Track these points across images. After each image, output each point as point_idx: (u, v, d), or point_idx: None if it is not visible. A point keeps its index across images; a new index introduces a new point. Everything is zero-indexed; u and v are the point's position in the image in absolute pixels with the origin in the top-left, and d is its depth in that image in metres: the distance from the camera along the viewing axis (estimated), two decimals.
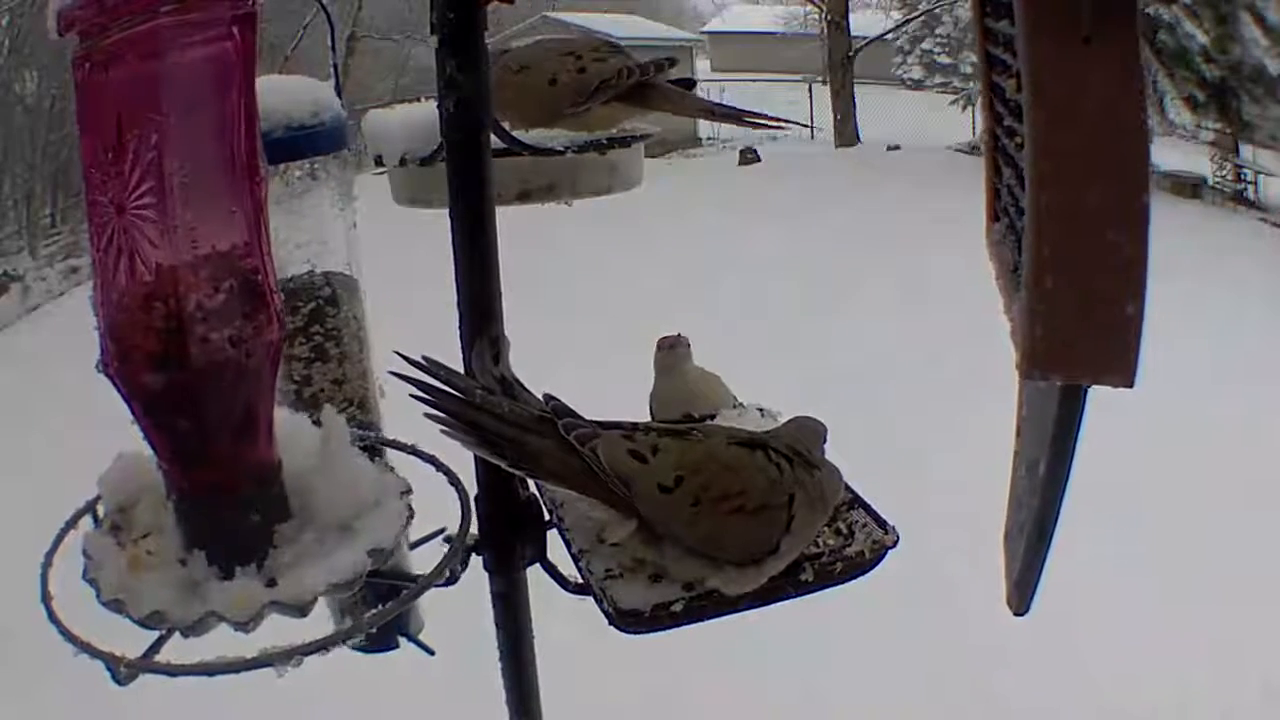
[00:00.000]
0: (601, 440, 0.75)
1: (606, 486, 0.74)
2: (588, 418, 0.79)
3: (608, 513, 0.75)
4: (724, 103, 1.07)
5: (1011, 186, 0.62)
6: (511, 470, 0.76)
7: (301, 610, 0.65)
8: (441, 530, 0.89)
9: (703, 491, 0.75)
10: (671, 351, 1.04)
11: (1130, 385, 0.49)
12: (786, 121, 1.07)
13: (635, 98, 0.99)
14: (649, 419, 1.07)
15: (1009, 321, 0.58)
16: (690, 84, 1.06)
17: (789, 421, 0.87)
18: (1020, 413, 0.69)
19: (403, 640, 1.08)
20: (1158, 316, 0.52)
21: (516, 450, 0.75)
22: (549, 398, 0.80)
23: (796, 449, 0.79)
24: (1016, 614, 0.64)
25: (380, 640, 1.07)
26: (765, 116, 1.03)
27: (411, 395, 0.74)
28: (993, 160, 0.71)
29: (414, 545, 0.98)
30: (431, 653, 1.07)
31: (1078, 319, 0.49)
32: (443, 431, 0.74)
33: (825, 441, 0.83)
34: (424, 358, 0.77)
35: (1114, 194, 0.47)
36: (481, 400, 0.76)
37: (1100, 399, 0.55)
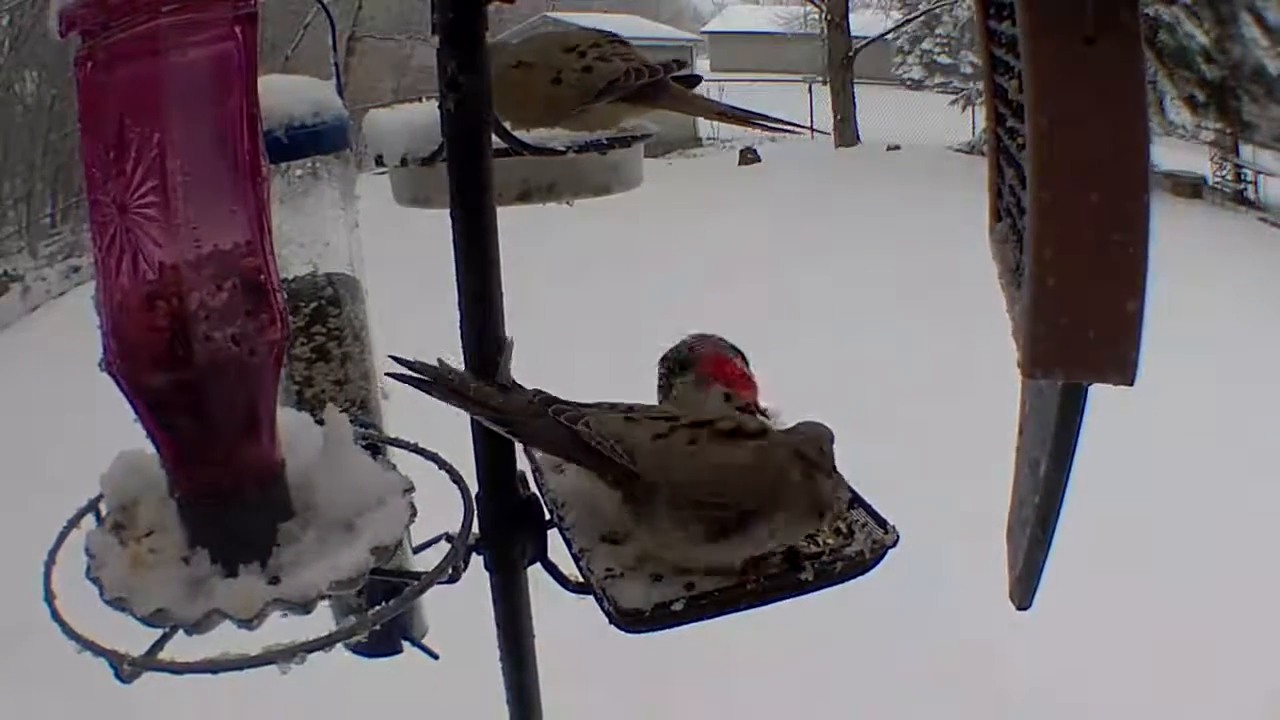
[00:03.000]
0: (592, 414, 0.78)
1: (600, 453, 0.75)
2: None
3: (599, 483, 0.77)
4: (731, 104, 1.06)
5: (1014, 186, 0.62)
6: (510, 436, 0.79)
7: (305, 608, 0.65)
8: (443, 534, 0.90)
9: (697, 429, 0.76)
10: (744, 403, 1.01)
11: (1131, 384, 0.49)
12: (795, 125, 1.07)
13: (641, 97, 0.99)
14: None
15: (1011, 321, 0.58)
16: (695, 80, 1.05)
17: (796, 426, 0.86)
18: (1023, 410, 0.70)
19: (406, 644, 1.08)
20: (1156, 316, 0.53)
21: (514, 429, 0.78)
22: (537, 392, 0.81)
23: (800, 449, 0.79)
24: (1019, 609, 0.64)
25: (383, 644, 1.07)
26: (774, 119, 1.03)
27: (405, 379, 0.77)
28: (995, 160, 0.71)
29: (417, 550, 0.98)
30: (435, 657, 1.07)
31: (1079, 318, 0.49)
32: (438, 397, 0.76)
33: (832, 444, 0.83)
34: (416, 361, 0.78)
35: (1115, 194, 0.48)
36: (475, 393, 0.77)
37: (1100, 398, 0.55)
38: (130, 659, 0.64)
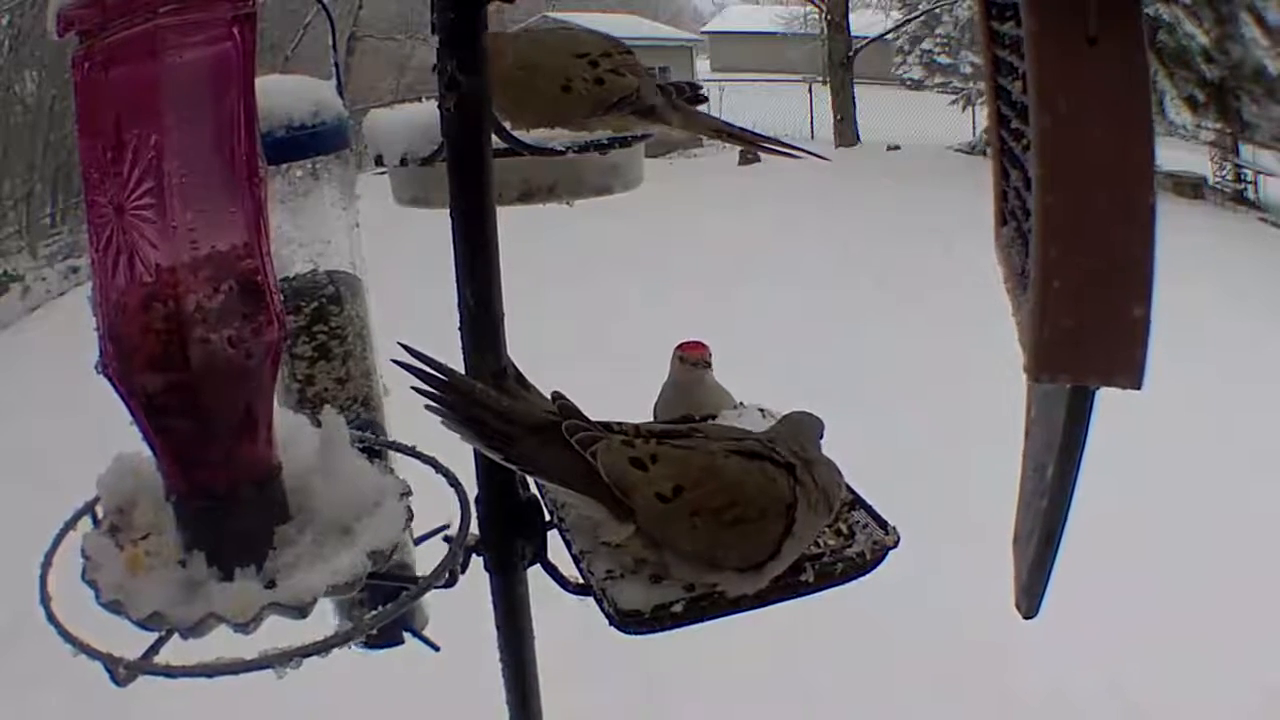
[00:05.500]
0: (602, 445, 0.75)
1: (607, 491, 0.74)
2: (591, 419, 0.79)
3: (604, 514, 0.75)
4: (733, 122, 1.05)
5: (1019, 189, 0.62)
6: (508, 465, 0.76)
7: (301, 611, 0.65)
8: (445, 527, 0.89)
9: (702, 504, 0.74)
10: (695, 369, 1.03)
11: (1138, 387, 0.49)
12: (796, 149, 1.06)
13: (648, 112, 0.98)
14: (652, 416, 1.07)
15: (1016, 324, 0.57)
16: (700, 98, 1.04)
17: (785, 417, 0.86)
18: (1029, 415, 0.69)
19: (407, 636, 1.08)
20: (1156, 316, 0.52)
21: (516, 448, 0.75)
22: (556, 395, 0.80)
23: (795, 450, 0.79)
24: (1025, 617, 0.63)
25: (385, 636, 1.07)
26: (775, 141, 1.02)
27: (413, 388, 0.74)
28: (1000, 164, 0.70)
29: (418, 541, 0.98)
30: (437, 648, 1.07)
31: (1085, 321, 0.49)
32: (443, 423, 0.74)
33: (822, 436, 0.83)
34: (423, 355, 0.77)
35: (1120, 196, 0.47)
36: (481, 395, 0.76)
37: (1099, 396, 0.55)
38: (126, 662, 0.63)
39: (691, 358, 1.04)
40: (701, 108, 1.04)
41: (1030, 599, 0.62)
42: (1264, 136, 12.45)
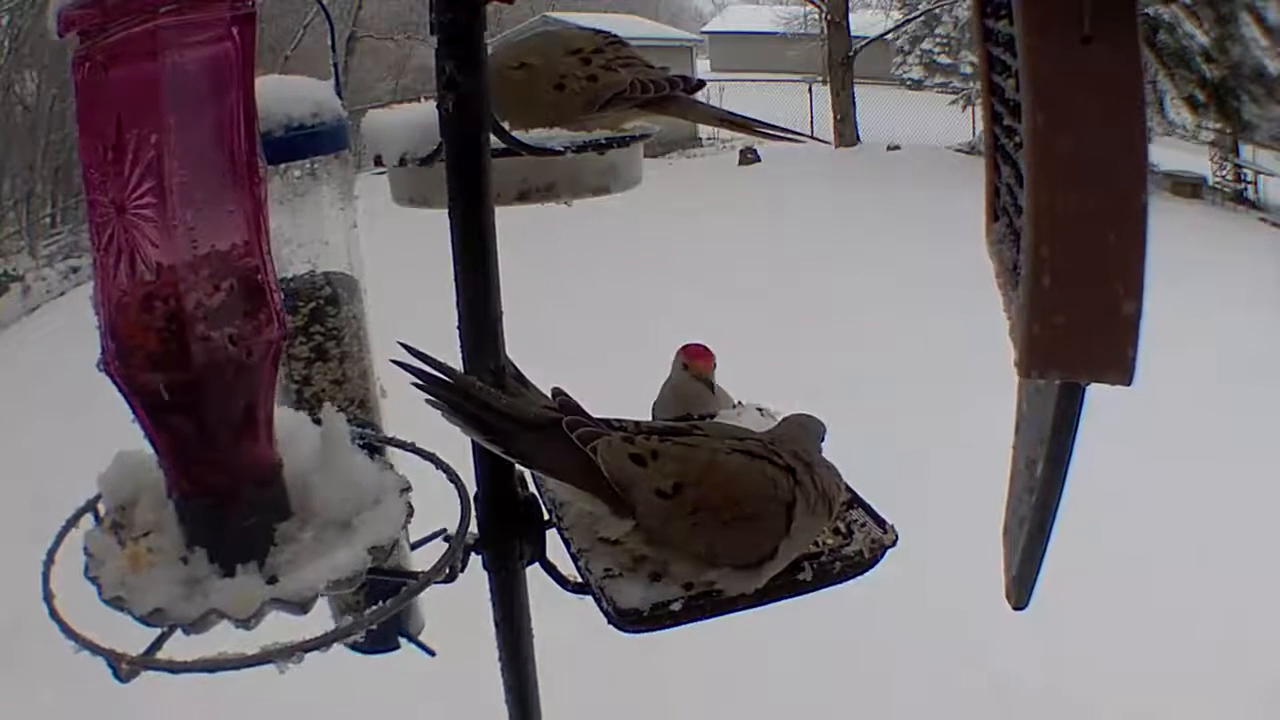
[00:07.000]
0: (603, 441, 0.75)
1: (607, 486, 0.74)
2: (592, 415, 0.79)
3: (604, 510, 0.76)
4: (730, 110, 1.05)
5: (1011, 185, 0.62)
6: (509, 460, 0.76)
7: (303, 607, 0.65)
8: (442, 530, 0.90)
9: (702, 501, 0.75)
10: (696, 383, 1.03)
11: (1128, 384, 0.49)
12: (794, 133, 1.07)
13: (645, 104, 0.98)
14: (650, 416, 1.07)
15: (1008, 320, 0.58)
16: (698, 84, 1.04)
17: (787, 419, 0.87)
18: (1019, 410, 0.69)
19: (403, 641, 1.08)
20: (1157, 316, 0.53)
21: (516, 443, 0.75)
22: (557, 392, 0.80)
23: (796, 452, 0.79)
24: (1016, 608, 0.64)
25: (380, 641, 1.07)
26: (777, 127, 1.02)
27: (413, 384, 0.74)
28: (992, 160, 0.71)
29: (415, 545, 0.98)
30: (432, 654, 1.07)
31: (1076, 318, 0.49)
32: (443, 416, 0.74)
33: (824, 439, 0.83)
34: (421, 353, 0.77)
35: (1112, 194, 0.48)
36: (481, 393, 0.76)
37: (1098, 394, 0.55)
38: (128, 658, 0.64)
39: (695, 369, 1.03)
40: None
41: (1021, 590, 0.62)
42: (1264, 136, 12.44)
